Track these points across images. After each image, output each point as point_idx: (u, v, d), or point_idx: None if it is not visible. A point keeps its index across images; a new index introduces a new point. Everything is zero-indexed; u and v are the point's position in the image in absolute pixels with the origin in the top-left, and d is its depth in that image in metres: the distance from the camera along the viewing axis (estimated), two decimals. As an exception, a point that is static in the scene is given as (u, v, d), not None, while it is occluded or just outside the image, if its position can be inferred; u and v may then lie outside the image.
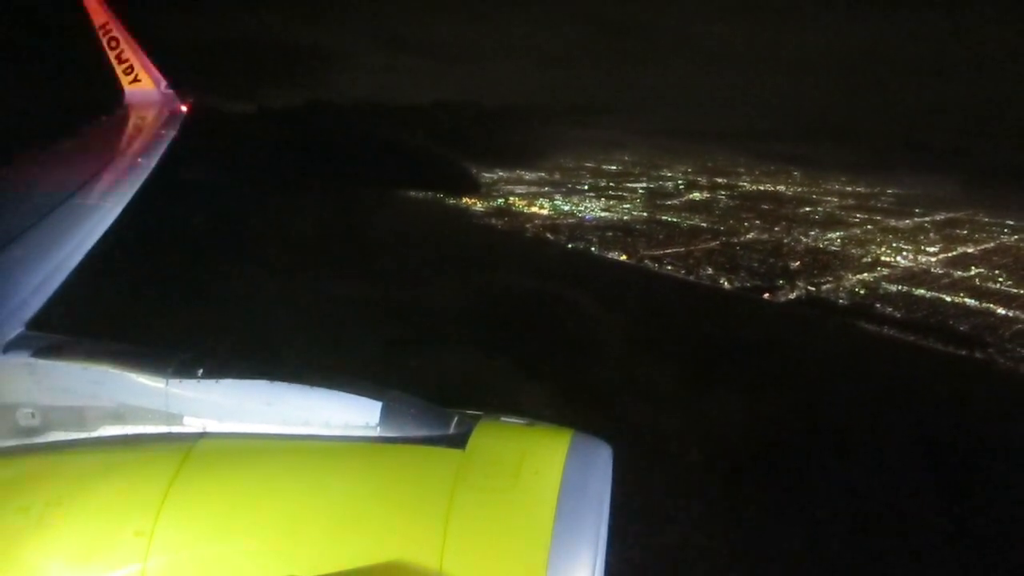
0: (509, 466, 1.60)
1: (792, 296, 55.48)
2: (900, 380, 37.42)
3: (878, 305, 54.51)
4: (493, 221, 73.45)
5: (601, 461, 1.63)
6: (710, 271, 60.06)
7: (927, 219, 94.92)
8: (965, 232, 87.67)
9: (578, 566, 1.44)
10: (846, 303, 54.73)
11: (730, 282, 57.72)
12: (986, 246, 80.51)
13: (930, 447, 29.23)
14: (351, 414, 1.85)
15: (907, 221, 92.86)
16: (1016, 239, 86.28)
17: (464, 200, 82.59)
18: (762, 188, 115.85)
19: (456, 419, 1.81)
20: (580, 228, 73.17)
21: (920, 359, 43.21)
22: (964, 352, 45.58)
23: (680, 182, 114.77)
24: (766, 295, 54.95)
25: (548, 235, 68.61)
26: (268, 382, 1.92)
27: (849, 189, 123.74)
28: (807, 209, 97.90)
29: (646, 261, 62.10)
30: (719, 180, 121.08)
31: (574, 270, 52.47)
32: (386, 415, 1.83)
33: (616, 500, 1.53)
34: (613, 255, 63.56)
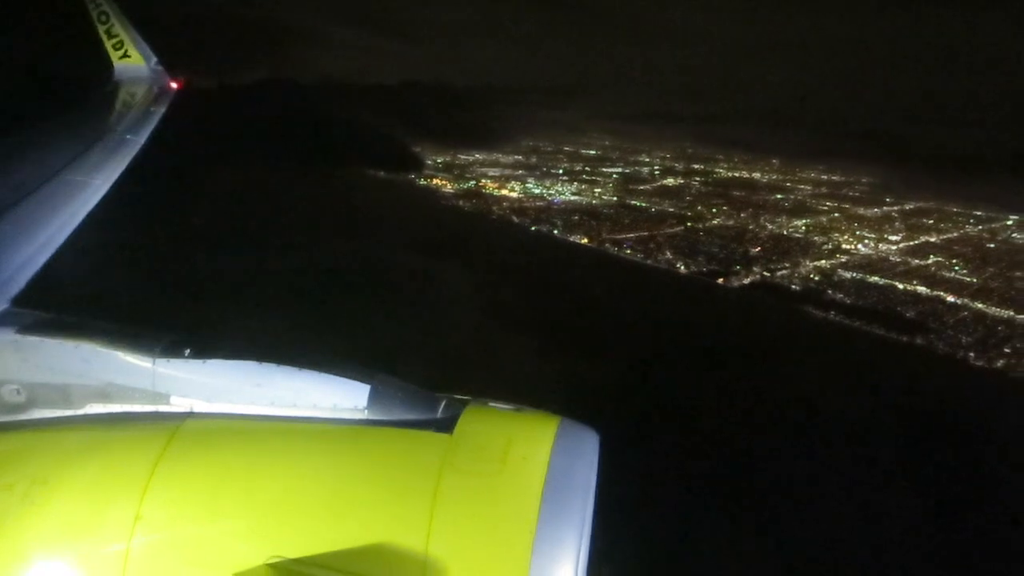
0: (496, 451, 1.61)
1: (746, 281, 56.19)
2: (833, 363, 38.15)
3: (830, 291, 55.29)
4: (460, 203, 73.57)
5: (588, 447, 1.65)
6: (669, 255, 60.63)
7: (896, 208, 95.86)
8: (931, 221, 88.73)
9: (563, 550, 1.46)
10: (798, 288, 55.51)
11: (687, 266, 58.32)
12: (949, 235, 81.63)
13: (846, 424, 30.06)
14: (339, 396, 1.86)
15: (875, 210, 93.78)
16: (980, 229, 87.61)
17: (435, 182, 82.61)
18: (736, 175, 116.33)
19: (444, 403, 1.82)
20: (547, 211, 73.44)
21: (859, 343, 44.08)
22: (905, 338, 46.52)
23: (656, 168, 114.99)
24: (720, 280, 55.64)
25: (513, 217, 68.81)
26: (256, 363, 1.92)
27: (824, 177, 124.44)
28: (778, 196, 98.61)
29: (607, 244, 62.55)
30: (695, 166, 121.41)
31: (528, 252, 52.80)
32: (374, 398, 1.84)
33: (601, 486, 1.55)
34: (575, 238, 63.96)
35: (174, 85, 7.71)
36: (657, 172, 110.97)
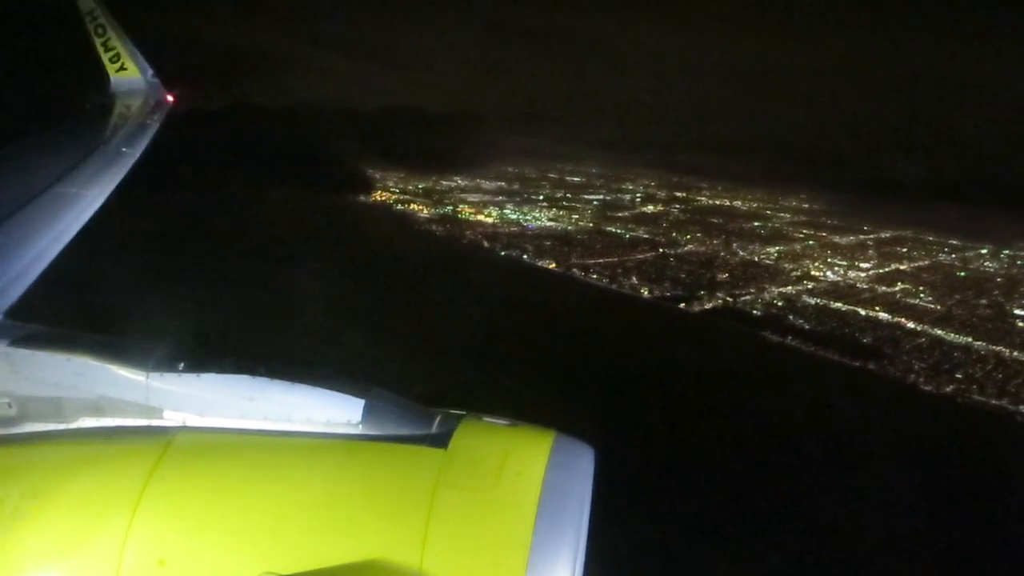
0: (491, 466, 1.62)
1: (708, 306, 56.78)
2: (778, 385, 38.57)
3: (791, 317, 55.83)
4: (434, 228, 74.60)
5: (583, 463, 1.65)
6: (634, 280, 61.38)
7: (872, 236, 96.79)
8: (905, 250, 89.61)
9: (558, 566, 1.46)
10: (759, 314, 56.03)
11: (650, 291, 59.01)
12: (920, 263, 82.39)
13: (783, 444, 30.36)
14: (333, 411, 1.86)
15: (851, 238, 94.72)
16: (953, 258, 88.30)
17: (412, 207, 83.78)
18: (717, 203, 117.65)
19: (439, 418, 1.83)
20: (520, 237, 74.40)
21: (808, 367, 44.48)
22: (858, 363, 46.89)
23: (638, 196, 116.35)
24: (682, 304, 56.28)
25: (484, 243, 69.72)
26: (250, 377, 1.93)
27: (806, 206, 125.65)
28: (756, 224, 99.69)
29: (574, 270, 63.34)
30: (678, 194, 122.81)
31: (489, 275, 53.49)
32: (368, 413, 1.84)
33: (597, 503, 1.57)
34: (543, 263, 64.76)
35: (170, 98, 7.80)
36: (638, 199, 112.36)
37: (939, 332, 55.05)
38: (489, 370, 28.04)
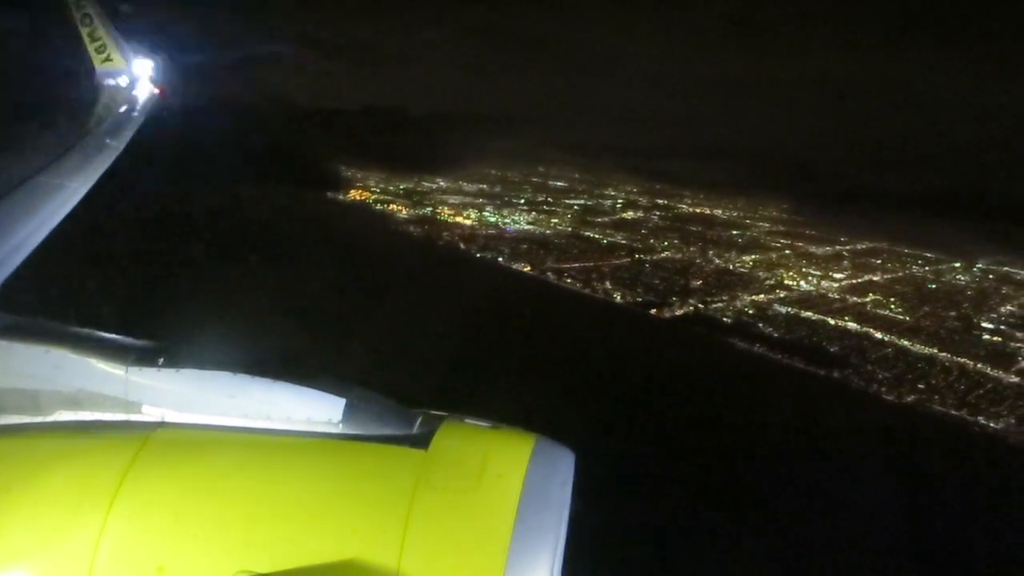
0: (471, 468, 1.62)
1: (678, 312, 57.08)
2: (736, 390, 38.85)
3: (760, 325, 56.26)
4: (411, 228, 74.40)
5: (563, 467, 1.66)
6: (608, 285, 61.55)
7: (848, 248, 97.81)
8: (879, 261, 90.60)
9: (536, 569, 1.46)
10: (729, 321, 56.43)
11: (622, 296, 59.21)
12: (894, 275, 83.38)
13: (719, 447, 30.54)
14: (314, 410, 1.85)
15: (827, 248, 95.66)
16: (927, 270, 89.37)
17: (391, 207, 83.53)
18: (698, 211, 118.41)
19: (420, 419, 1.82)
20: (497, 239, 74.37)
21: (771, 374, 44.87)
22: (822, 372, 47.36)
23: (620, 201, 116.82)
24: (652, 310, 56.51)
25: (461, 244, 69.65)
26: (231, 374, 1.92)
27: (786, 216, 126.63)
28: (734, 232, 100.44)
29: (548, 273, 63.42)
30: (660, 201, 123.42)
31: (461, 277, 53.48)
32: (349, 412, 1.84)
33: (576, 506, 1.57)
34: (517, 266, 64.78)
35: (156, 91, 7.87)
36: (619, 205, 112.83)
37: (905, 343, 55.68)
38: (436, 368, 28.05)
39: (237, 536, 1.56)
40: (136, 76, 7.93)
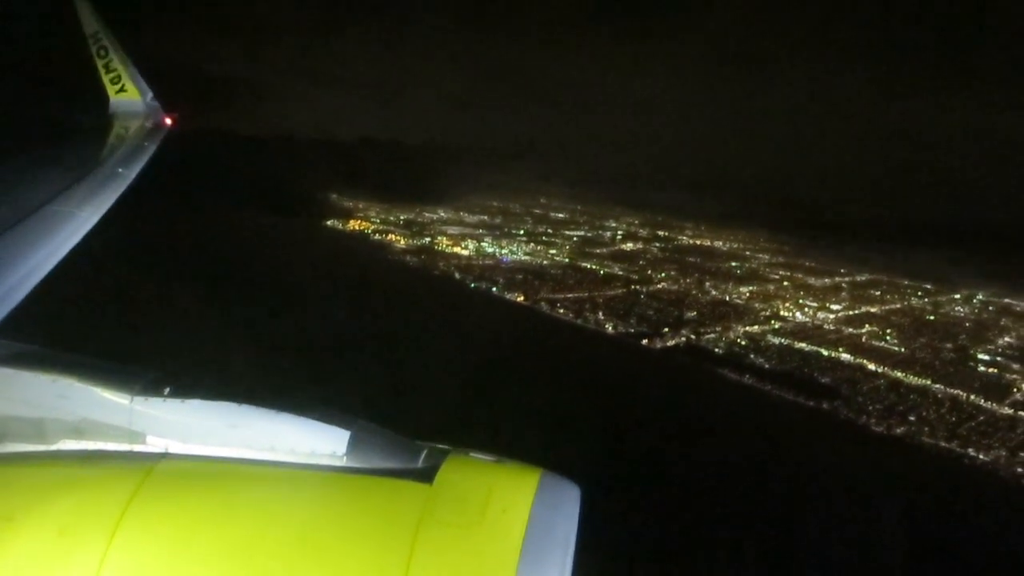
0: (476, 503, 1.61)
1: (670, 343, 57.09)
2: (723, 421, 38.73)
3: (752, 356, 56.16)
4: (408, 259, 75.25)
5: (569, 502, 1.66)
6: (600, 316, 61.77)
7: (847, 279, 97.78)
8: (878, 293, 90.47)
9: None
10: (721, 352, 56.33)
11: (615, 327, 59.38)
12: (891, 307, 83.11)
13: (711, 479, 30.39)
14: (318, 442, 1.85)
15: (826, 280, 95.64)
16: (925, 302, 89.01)
17: (390, 237, 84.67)
18: (698, 243, 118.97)
19: (425, 452, 1.82)
20: (493, 270, 75.01)
21: (762, 405, 44.68)
22: (812, 403, 47.06)
23: (620, 232, 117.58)
24: (644, 341, 56.60)
25: (456, 274, 70.30)
26: (235, 404, 1.93)
27: (786, 248, 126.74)
28: (733, 264, 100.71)
29: (541, 303, 63.79)
30: (660, 232, 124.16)
31: (453, 306, 53.96)
32: (354, 445, 1.84)
33: (582, 542, 1.57)
34: (511, 296, 65.22)
35: (168, 121, 7.92)
36: (619, 236, 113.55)
37: (899, 374, 55.41)
38: (416, 398, 28.34)
39: (240, 568, 1.55)
40: (150, 106, 8.12)
